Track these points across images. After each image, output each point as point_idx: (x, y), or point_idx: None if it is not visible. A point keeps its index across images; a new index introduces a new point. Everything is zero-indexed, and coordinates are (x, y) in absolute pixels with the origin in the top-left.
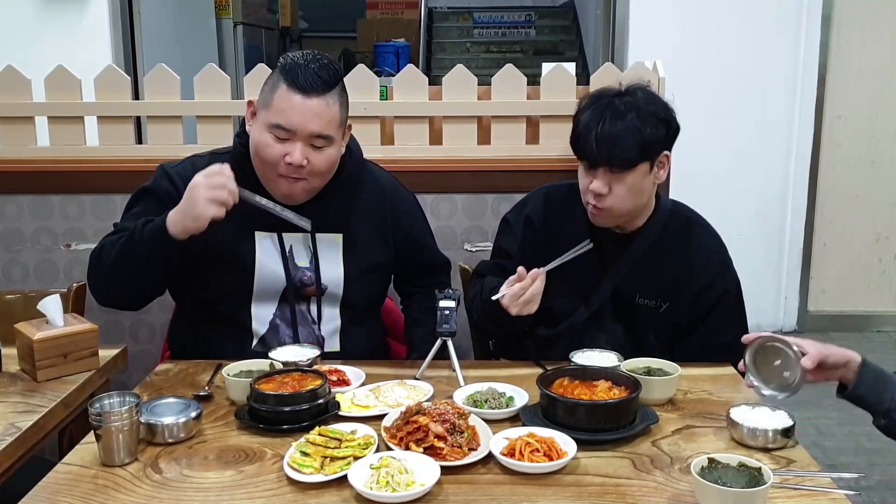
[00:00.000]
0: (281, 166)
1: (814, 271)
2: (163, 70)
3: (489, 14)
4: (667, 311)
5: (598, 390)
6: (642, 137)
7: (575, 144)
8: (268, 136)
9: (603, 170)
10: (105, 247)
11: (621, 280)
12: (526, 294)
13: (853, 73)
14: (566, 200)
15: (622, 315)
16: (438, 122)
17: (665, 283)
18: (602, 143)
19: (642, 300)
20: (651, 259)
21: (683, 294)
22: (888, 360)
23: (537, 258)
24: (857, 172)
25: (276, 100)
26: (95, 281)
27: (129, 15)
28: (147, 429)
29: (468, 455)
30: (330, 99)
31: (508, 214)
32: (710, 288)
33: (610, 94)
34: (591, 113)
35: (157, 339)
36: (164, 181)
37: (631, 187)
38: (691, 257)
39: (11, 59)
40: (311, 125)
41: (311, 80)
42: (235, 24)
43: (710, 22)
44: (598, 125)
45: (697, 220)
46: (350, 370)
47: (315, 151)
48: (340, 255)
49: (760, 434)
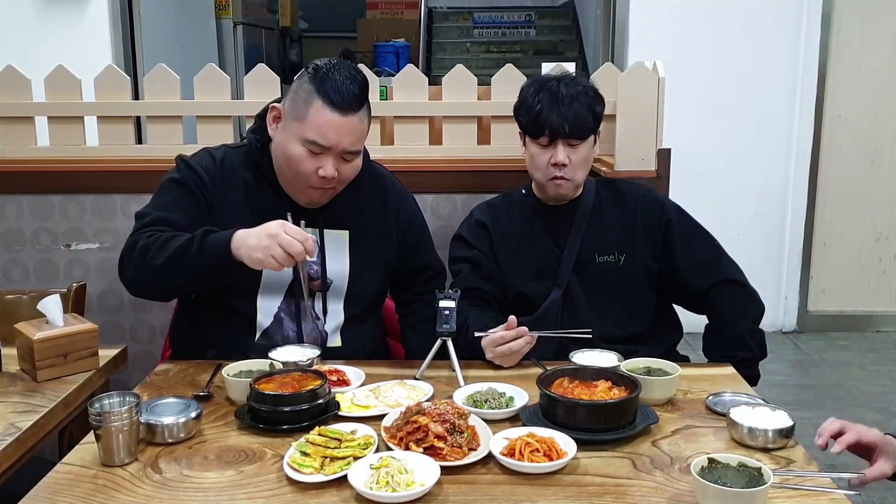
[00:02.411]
0: (313, 179)
1: (814, 271)
2: (163, 70)
3: (489, 14)
4: (627, 261)
5: (598, 390)
6: (594, 112)
7: (533, 123)
8: (301, 150)
9: (563, 143)
10: (151, 246)
11: (578, 248)
12: (503, 347)
13: (853, 73)
14: (504, 202)
15: (590, 281)
16: (438, 122)
17: (615, 235)
18: (564, 117)
19: (601, 258)
20: (595, 220)
21: (634, 239)
22: (888, 360)
23: (493, 255)
24: (857, 172)
25: (311, 115)
26: (135, 275)
27: (129, 15)
28: (147, 429)
29: (468, 455)
30: (362, 114)
31: (457, 231)
32: (656, 227)
33: (555, 79)
34: (544, 95)
35: (157, 339)
36: (189, 172)
37: (585, 156)
38: (627, 206)
39: (11, 59)
40: (345, 142)
41: (347, 99)
42: (235, 24)
43: (710, 22)
44: (557, 103)
45: (619, 180)
46: (350, 370)
47: (344, 163)
48: (347, 250)
49: (760, 434)
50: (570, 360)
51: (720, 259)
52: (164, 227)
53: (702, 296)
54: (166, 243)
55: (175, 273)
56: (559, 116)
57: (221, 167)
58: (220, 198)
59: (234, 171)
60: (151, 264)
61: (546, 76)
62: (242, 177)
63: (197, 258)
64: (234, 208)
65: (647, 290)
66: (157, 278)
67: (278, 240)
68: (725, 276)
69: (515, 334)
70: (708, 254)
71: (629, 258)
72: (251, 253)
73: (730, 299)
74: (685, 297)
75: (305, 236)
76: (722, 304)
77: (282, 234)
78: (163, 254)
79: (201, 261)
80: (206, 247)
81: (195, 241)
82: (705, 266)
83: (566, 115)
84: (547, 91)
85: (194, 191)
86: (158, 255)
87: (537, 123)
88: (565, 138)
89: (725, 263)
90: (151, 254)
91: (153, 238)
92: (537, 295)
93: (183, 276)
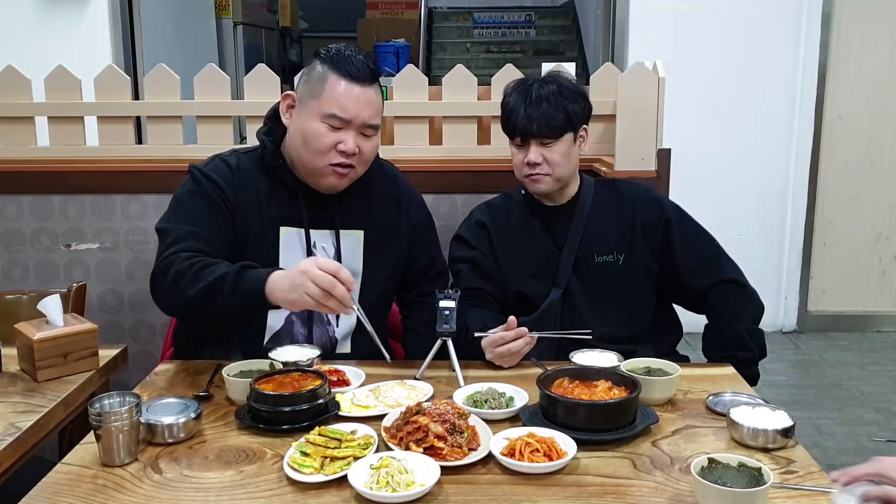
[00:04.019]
0: (333, 155)
1: (814, 271)
2: (163, 70)
3: (489, 14)
4: (626, 261)
5: (598, 390)
6: (566, 110)
7: (506, 124)
8: (321, 126)
9: (535, 143)
10: (184, 274)
11: (577, 247)
12: (502, 348)
13: (853, 73)
14: (504, 202)
15: (589, 281)
16: (438, 122)
17: (613, 234)
18: (531, 118)
19: (600, 258)
20: (594, 219)
21: (633, 238)
22: (888, 360)
23: (493, 255)
24: (857, 172)
25: (328, 90)
26: (168, 301)
27: (129, 15)
28: (147, 429)
29: (468, 455)
30: (377, 89)
31: (457, 231)
32: (655, 227)
33: (533, 79)
34: (516, 95)
35: (157, 339)
36: (208, 182)
37: (564, 153)
38: (626, 205)
39: (11, 59)
40: (364, 113)
41: (362, 70)
42: (235, 24)
43: (709, 22)
44: (526, 103)
45: (621, 180)
46: (350, 370)
47: (364, 140)
48: (361, 251)
49: (760, 434)
50: (570, 360)
51: (719, 259)
52: (195, 246)
53: (701, 295)
54: (200, 273)
55: (207, 307)
56: (527, 117)
57: (238, 173)
58: (241, 204)
59: (249, 176)
60: (184, 294)
61: (526, 77)
62: (257, 181)
63: (230, 296)
64: (253, 215)
65: (647, 289)
66: (189, 309)
67: (310, 275)
68: (725, 276)
69: (515, 335)
70: (707, 254)
71: (628, 258)
72: (286, 295)
73: (729, 299)
74: (685, 297)
75: (339, 268)
76: (721, 304)
77: (313, 269)
78: (195, 285)
79: (234, 299)
80: (240, 286)
81: (229, 278)
82: (705, 266)
83: (533, 114)
84: (520, 92)
85: (217, 201)
86: (191, 286)
87: (509, 124)
88: (536, 138)
89: (725, 263)
90: (184, 282)
91: (187, 264)
92: (536, 295)
93: (215, 311)
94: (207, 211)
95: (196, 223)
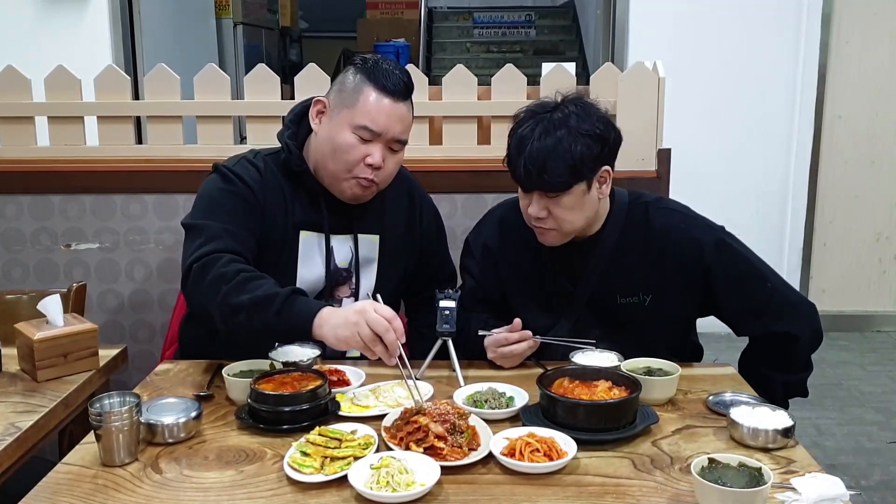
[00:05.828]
0: (360, 168)
1: (814, 271)
2: (163, 70)
3: (489, 14)
4: (653, 302)
5: (598, 390)
6: (572, 158)
7: (508, 166)
8: (352, 137)
9: (538, 194)
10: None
11: (594, 287)
12: (505, 349)
13: (853, 73)
14: (519, 219)
15: (609, 322)
16: (438, 122)
17: (641, 276)
18: (531, 168)
19: (623, 300)
20: (619, 258)
21: (662, 278)
22: (888, 360)
23: (497, 282)
24: (857, 172)
25: (362, 101)
26: (201, 301)
27: (129, 15)
28: (147, 429)
29: (468, 455)
30: (409, 105)
31: (469, 235)
32: (692, 271)
33: (542, 111)
34: (521, 132)
35: (157, 339)
36: (238, 181)
37: (570, 208)
38: (655, 239)
39: (11, 59)
40: (395, 128)
41: (398, 86)
42: (235, 24)
43: (710, 22)
44: (528, 147)
45: (657, 203)
46: (350, 370)
47: (391, 154)
48: (376, 256)
49: (760, 434)
50: (571, 360)
51: (771, 303)
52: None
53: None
54: (247, 284)
55: (246, 319)
56: (526, 169)
57: (264, 175)
58: (268, 207)
59: (275, 179)
60: (225, 300)
61: (541, 104)
62: (283, 185)
63: (274, 318)
64: (278, 218)
65: (677, 332)
66: (224, 315)
67: (366, 316)
68: (778, 329)
69: (519, 337)
70: (758, 299)
71: (656, 299)
72: (335, 331)
73: (778, 355)
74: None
75: (394, 316)
76: (771, 356)
77: (370, 311)
78: (239, 295)
79: (278, 321)
80: (289, 311)
81: (278, 300)
82: (754, 313)
83: (532, 168)
84: (526, 127)
85: (250, 202)
86: (234, 295)
87: (510, 168)
88: (538, 190)
89: (777, 306)
90: (227, 288)
91: (231, 270)
92: (541, 326)
93: (251, 325)
94: (240, 210)
95: (230, 221)
